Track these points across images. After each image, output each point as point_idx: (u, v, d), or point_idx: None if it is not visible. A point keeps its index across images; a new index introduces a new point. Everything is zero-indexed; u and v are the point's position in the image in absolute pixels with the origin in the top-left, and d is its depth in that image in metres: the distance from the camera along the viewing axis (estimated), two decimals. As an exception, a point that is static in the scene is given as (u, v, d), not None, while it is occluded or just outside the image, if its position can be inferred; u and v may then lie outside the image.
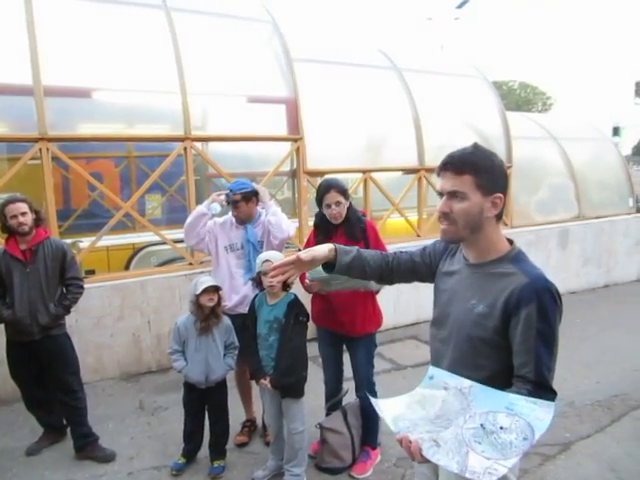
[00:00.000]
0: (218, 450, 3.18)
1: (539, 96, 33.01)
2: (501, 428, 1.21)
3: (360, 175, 5.95)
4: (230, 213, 3.47)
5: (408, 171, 6.39)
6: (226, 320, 3.15)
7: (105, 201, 7.36)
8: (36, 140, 4.25)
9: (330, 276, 2.70)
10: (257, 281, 2.89)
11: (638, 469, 3.12)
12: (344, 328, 3.03)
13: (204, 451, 3.21)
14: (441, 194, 1.49)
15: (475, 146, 1.50)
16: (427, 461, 1.26)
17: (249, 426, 3.58)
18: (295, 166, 5.63)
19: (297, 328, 2.82)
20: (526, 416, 1.22)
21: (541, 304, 1.39)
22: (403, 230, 6.53)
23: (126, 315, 4.61)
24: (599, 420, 3.72)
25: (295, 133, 5.44)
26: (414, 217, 6.45)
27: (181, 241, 5.22)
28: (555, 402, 1.33)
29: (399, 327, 5.75)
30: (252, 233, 3.38)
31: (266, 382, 2.80)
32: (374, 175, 6.01)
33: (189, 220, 3.41)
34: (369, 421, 3.13)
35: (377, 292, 3.03)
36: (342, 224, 2.98)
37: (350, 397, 3.25)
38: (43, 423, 3.51)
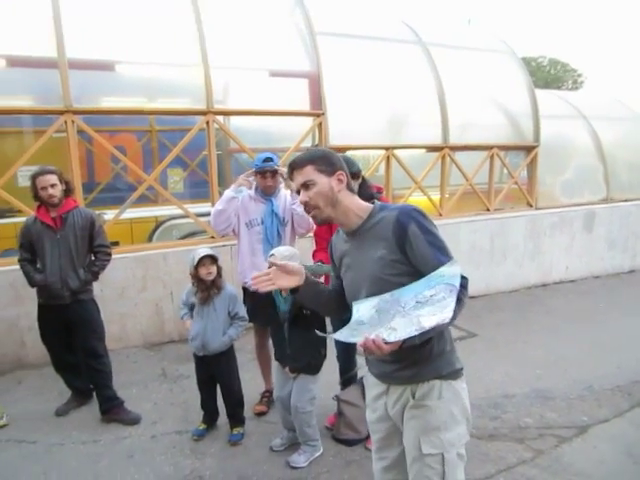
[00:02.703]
0: (236, 418, 3.27)
1: (569, 73, 31.87)
2: (431, 296, 1.49)
3: (382, 152, 5.89)
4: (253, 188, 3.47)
5: (431, 149, 6.30)
6: (229, 290, 3.17)
7: (128, 174, 7.46)
8: (61, 112, 4.31)
9: (325, 271, 2.78)
10: None
11: (655, 453, 3.10)
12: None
13: (224, 418, 3.31)
14: (299, 191, 1.77)
15: (307, 149, 1.80)
16: (393, 347, 1.46)
17: (268, 396, 3.65)
18: (317, 142, 5.59)
19: (301, 320, 2.85)
20: (441, 281, 1.50)
21: (416, 221, 1.66)
22: (425, 209, 6.47)
23: (149, 286, 4.71)
24: (618, 405, 3.68)
25: (317, 108, 5.39)
26: (436, 196, 6.38)
27: (202, 215, 5.29)
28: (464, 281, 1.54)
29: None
30: (277, 205, 3.41)
31: (287, 370, 2.94)
32: (396, 152, 5.94)
33: (220, 207, 3.38)
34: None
35: None
36: None
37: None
38: (71, 386, 3.66)
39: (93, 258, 3.45)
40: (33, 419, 3.49)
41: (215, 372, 3.20)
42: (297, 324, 2.86)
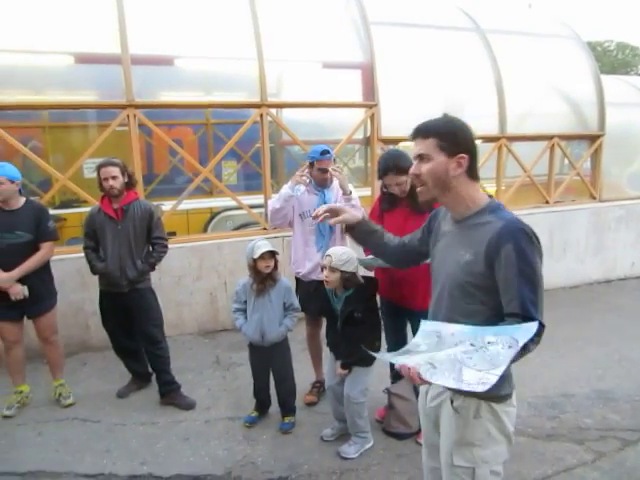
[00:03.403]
0: (287, 407, 3.32)
1: (639, 58, 29.91)
2: (488, 343, 1.35)
3: (436, 143, 5.76)
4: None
5: (487, 139, 6.09)
6: (284, 282, 3.19)
7: (185, 167, 7.69)
8: (124, 107, 4.48)
9: (380, 264, 2.78)
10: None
11: None
12: (405, 301, 3.01)
13: (275, 407, 3.37)
14: (415, 159, 1.66)
15: (443, 114, 1.66)
16: (426, 382, 1.38)
17: (318, 387, 3.68)
18: (369, 133, 5.53)
19: (352, 322, 2.84)
20: (510, 333, 1.35)
21: (517, 244, 1.48)
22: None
23: (204, 275, 4.85)
24: (688, 409, 3.47)
25: (370, 99, 5.34)
26: (492, 188, 6.17)
27: (255, 206, 5.38)
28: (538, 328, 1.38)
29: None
30: (330, 197, 3.41)
31: (338, 367, 2.95)
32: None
33: (277, 205, 3.41)
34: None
35: None
36: (407, 195, 2.94)
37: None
38: (130, 369, 3.83)
39: (151, 249, 3.58)
40: (96, 399, 3.68)
41: (270, 361, 3.25)
42: (349, 324, 2.86)
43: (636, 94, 7.59)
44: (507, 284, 1.49)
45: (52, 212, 5.66)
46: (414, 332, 3.07)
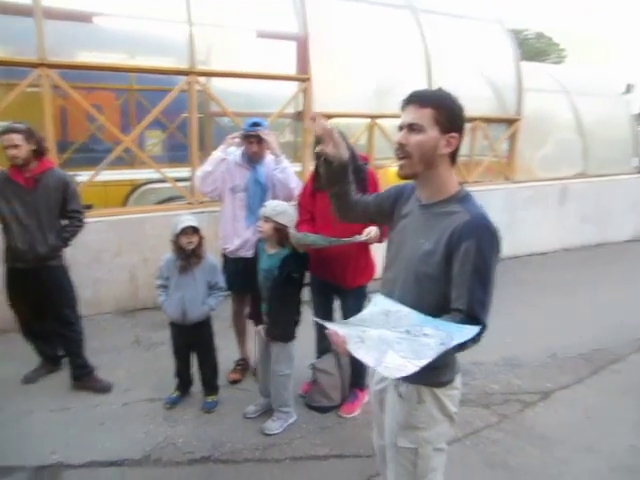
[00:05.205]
0: (210, 386, 3.28)
1: (553, 47, 31.74)
2: (424, 334, 1.33)
3: (367, 120, 5.80)
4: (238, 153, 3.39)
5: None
6: (210, 260, 3.13)
7: (104, 135, 7.20)
8: (36, 65, 4.08)
9: (312, 241, 2.77)
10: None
11: (611, 416, 3.29)
12: (335, 279, 3.06)
13: (198, 386, 3.31)
14: (401, 128, 1.54)
15: (439, 88, 1.58)
16: (348, 353, 1.39)
17: (242, 364, 3.67)
18: (300, 108, 5.46)
19: (288, 284, 2.84)
20: (450, 330, 1.32)
21: (479, 240, 1.45)
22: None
23: (123, 252, 4.62)
24: (579, 372, 3.86)
25: (304, 73, 5.24)
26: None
27: (181, 180, 5.16)
28: (478, 330, 1.36)
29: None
30: (261, 173, 3.32)
31: (260, 329, 2.94)
32: (380, 121, 5.86)
33: (208, 168, 3.29)
34: (356, 364, 3.19)
35: (371, 243, 2.91)
36: None
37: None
38: (40, 353, 3.57)
39: (65, 223, 3.31)
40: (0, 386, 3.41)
41: (192, 340, 3.19)
42: (283, 286, 2.83)
43: (550, 82, 8.05)
44: (460, 279, 1.46)
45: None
46: (343, 309, 3.16)
